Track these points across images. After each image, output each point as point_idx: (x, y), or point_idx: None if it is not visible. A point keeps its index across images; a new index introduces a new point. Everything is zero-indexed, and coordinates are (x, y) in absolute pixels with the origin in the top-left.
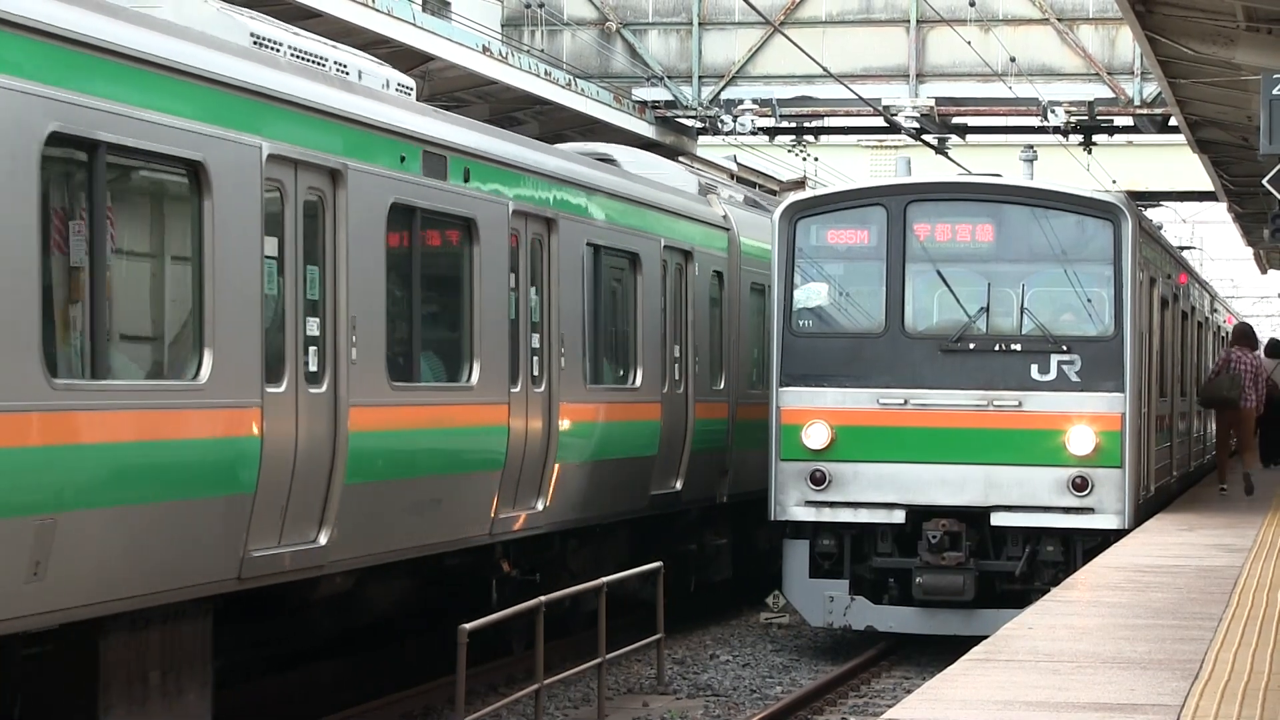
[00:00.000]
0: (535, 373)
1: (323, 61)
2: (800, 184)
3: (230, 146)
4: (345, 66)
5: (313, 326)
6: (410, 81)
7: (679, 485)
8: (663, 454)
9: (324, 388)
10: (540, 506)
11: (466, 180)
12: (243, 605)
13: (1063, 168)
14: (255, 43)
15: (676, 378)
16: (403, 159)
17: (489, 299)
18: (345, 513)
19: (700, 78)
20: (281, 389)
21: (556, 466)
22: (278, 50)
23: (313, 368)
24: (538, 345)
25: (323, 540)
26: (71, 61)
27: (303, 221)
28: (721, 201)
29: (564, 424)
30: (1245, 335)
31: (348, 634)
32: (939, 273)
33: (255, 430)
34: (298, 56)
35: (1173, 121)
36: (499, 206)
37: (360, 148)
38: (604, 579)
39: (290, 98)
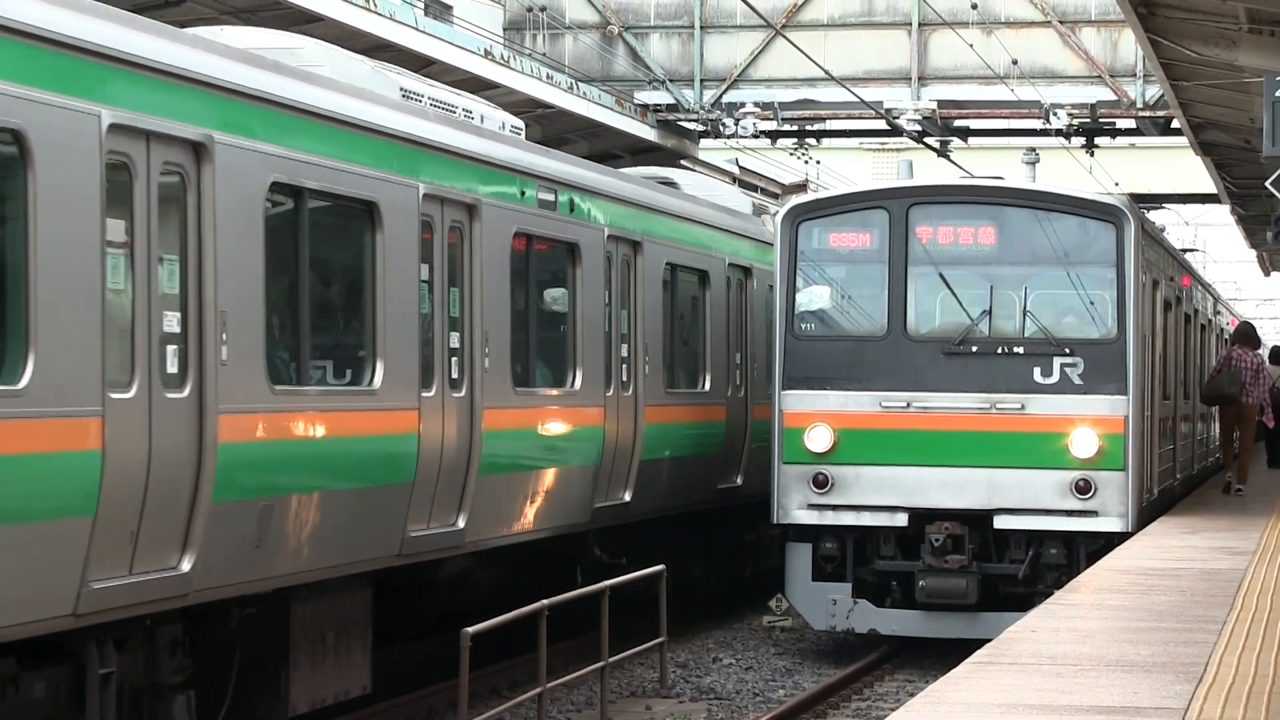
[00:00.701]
0: (624, 379)
1: (453, 109)
2: (802, 187)
3: (395, 188)
4: (470, 112)
5: (454, 340)
6: (519, 122)
7: (740, 480)
8: (726, 452)
9: (463, 392)
10: (627, 498)
11: (571, 210)
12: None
13: (1065, 170)
14: (404, 96)
15: (738, 382)
16: (522, 193)
17: (588, 315)
18: (478, 500)
19: (702, 81)
20: (432, 394)
21: (640, 463)
22: (420, 101)
23: (454, 375)
24: (625, 355)
25: (461, 524)
26: (283, 123)
27: (447, 250)
28: (772, 220)
29: (647, 425)
30: (1246, 335)
31: (453, 613)
32: (941, 275)
33: (414, 428)
34: (435, 105)
35: (1175, 124)
36: (596, 232)
37: (491, 185)
38: (607, 582)
39: (439, 144)
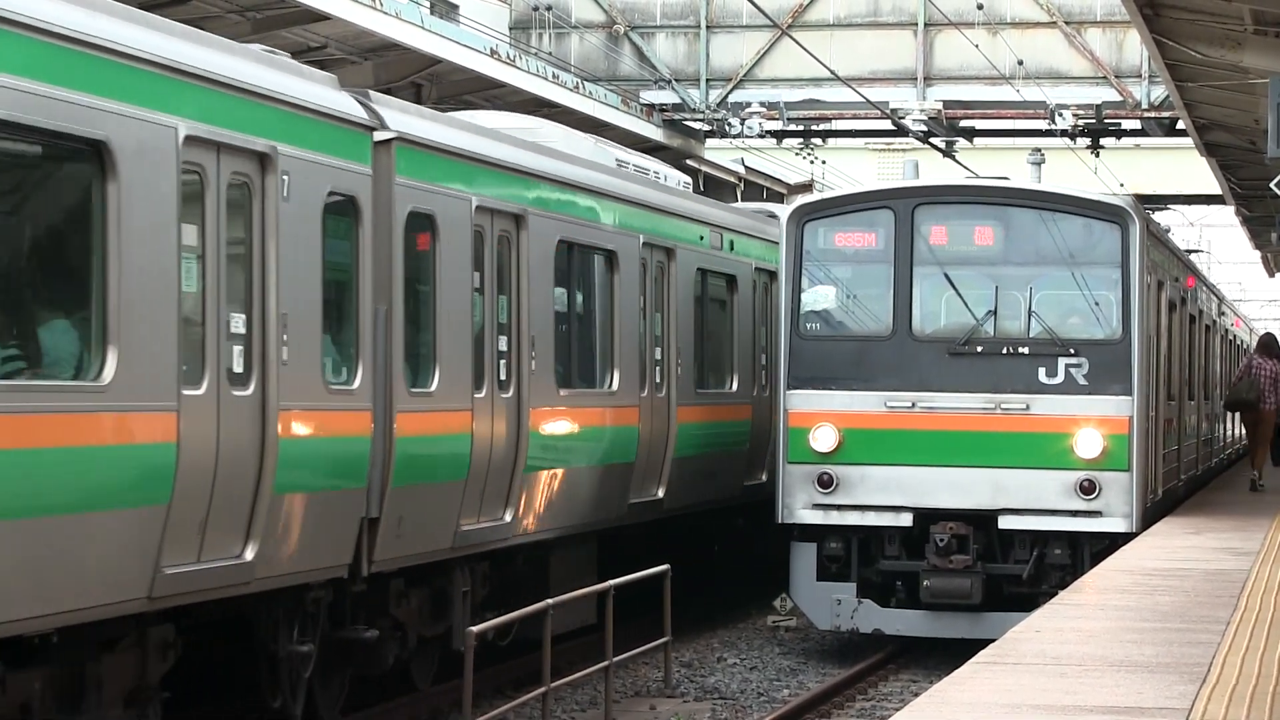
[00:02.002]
0: (763, 381)
1: (646, 171)
2: (808, 187)
3: (629, 239)
4: (658, 173)
5: (657, 354)
6: (687, 178)
7: (764, 477)
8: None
9: (662, 393)
10: (764, 479)
11: (731, 249)
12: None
13: (1070, 171)
14: (619, 164)
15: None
16: (701, 238)
17: (742, 333)
18: (674, 477)
19: (708, 81)
20: (644, 394)
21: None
22: (627, 167)
23: (657, 379)
24: (764, 363)
25: (660, 494)
26: (566, 197)
27: (653, 284)
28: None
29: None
30: (1267, 346)
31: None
32: (946, 276)
33: (636, 421)
34: (635, 169)
35: (1180, 125)
36: (748, 265)
37: (682, 233)
38: (611, 581)
39: (653, 204)
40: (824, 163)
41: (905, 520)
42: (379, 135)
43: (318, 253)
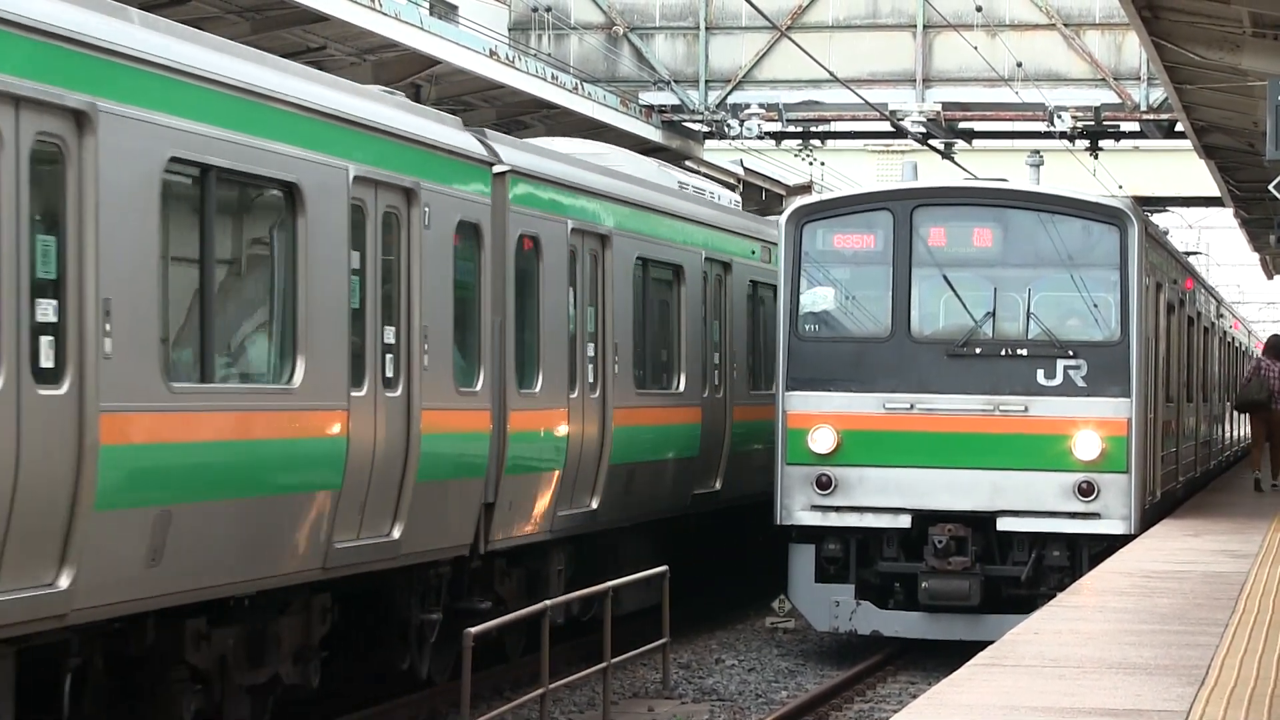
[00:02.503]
0: (716, 382)
1: (701, 191)
2: (807, 188)
3: (693, 255)
4: (713, 193)
5: (715, 359)
6: (736, 196)
7: None
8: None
9: (721, 394)
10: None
11: (771, 260)
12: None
13: (1069, 173)
14: (680, 185)
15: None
16: (753, 252)
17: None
18: (729, 468)
19: (707, 82)
20: (704, 394)
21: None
22: (687, 189)
23: (715, 381)
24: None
25: (718, 486)
26: (648, 218)
27: (714, 293)
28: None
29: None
30: (1276, 347)
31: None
32: (945, 277)
33: (699, 419)
34: (694, 190)
35: (1179, 127)
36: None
37: (737, 249)
38: (610, 583)
39: (709, 221)
40: (823, 164)
41: (904, 522)
42: (496, 169)
43: (450, 273)
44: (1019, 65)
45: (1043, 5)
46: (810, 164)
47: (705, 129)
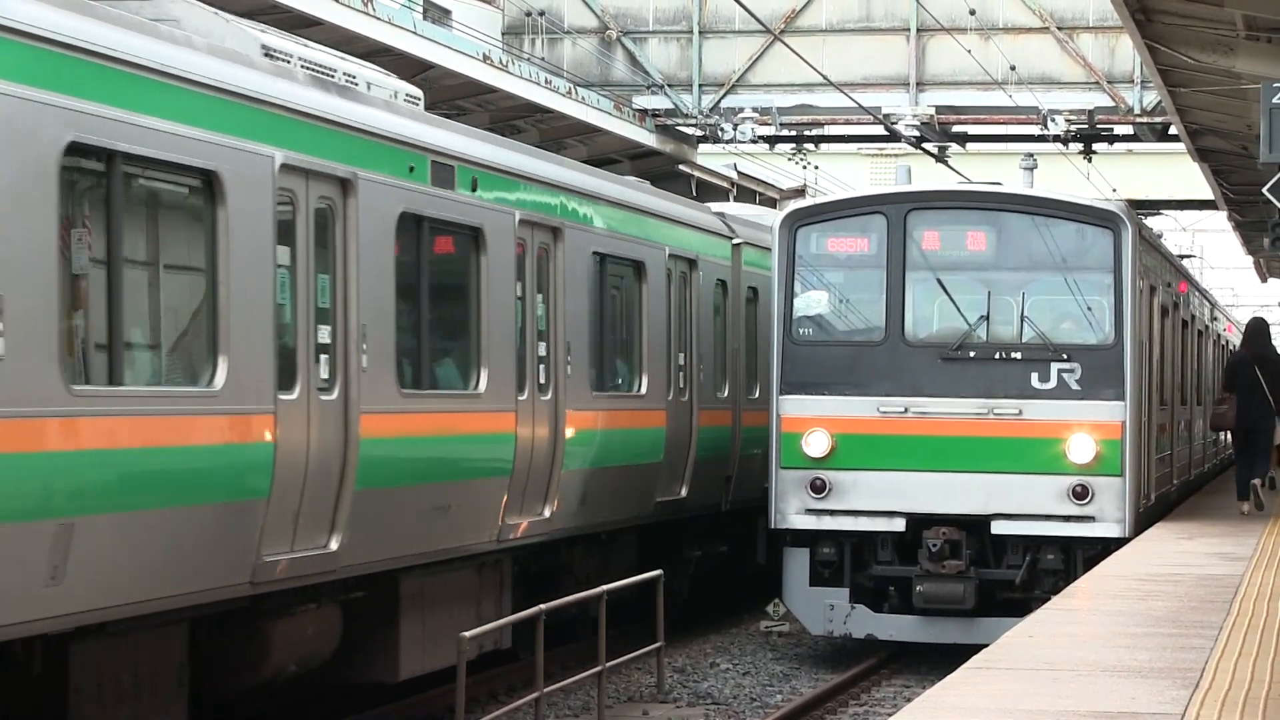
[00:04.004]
0: (681, 385)
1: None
2: (800, 192)
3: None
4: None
5: (680, 359)
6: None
7: None
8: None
9: (756, 396)
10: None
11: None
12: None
13: (1063, 176)
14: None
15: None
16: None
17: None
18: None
19: (700, 86)
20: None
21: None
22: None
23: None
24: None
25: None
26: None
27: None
28: None
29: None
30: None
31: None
32: (939, 281)
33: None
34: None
35: (1172, 130)
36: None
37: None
38: (604, 587)
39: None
40: (816, 168)
41: (898, 525)
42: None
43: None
44: (1013, 68)
45: (1036, 8)
46: (804, 168)
47: (699, 133)
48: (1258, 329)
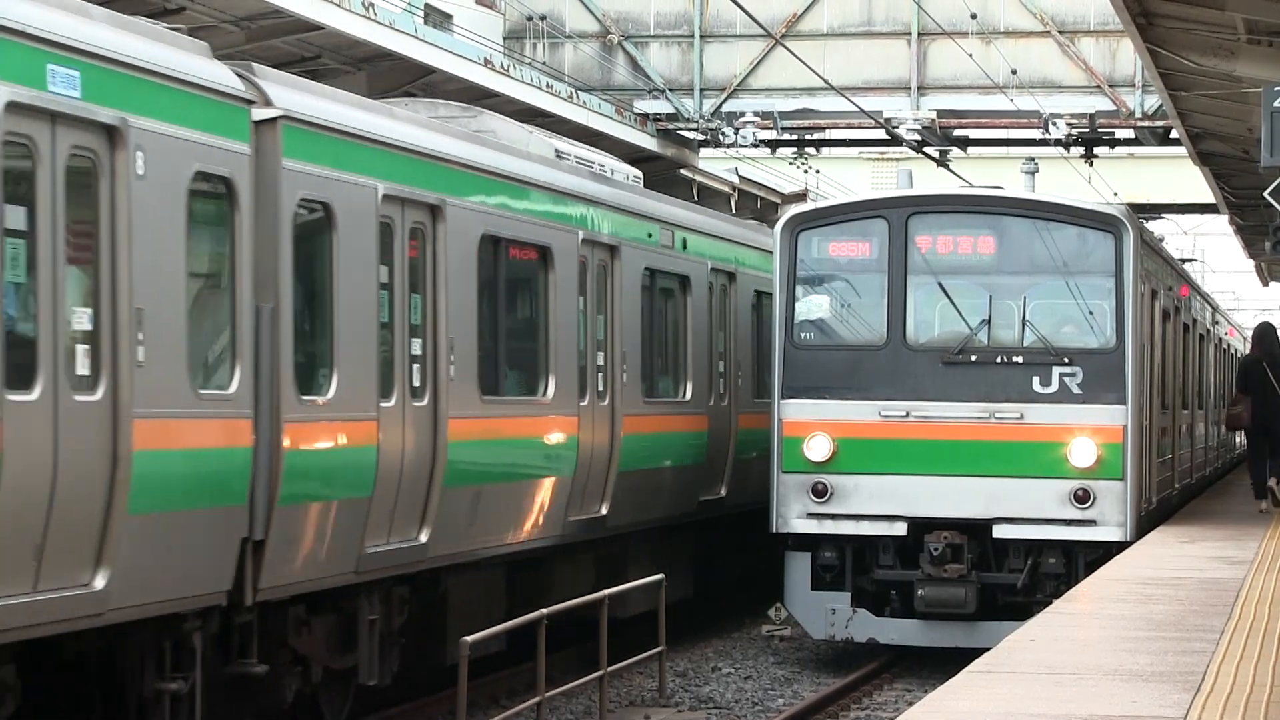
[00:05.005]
0: (721, 390)
1: (589, 163)
2: (802, 196)
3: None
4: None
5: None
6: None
7: None
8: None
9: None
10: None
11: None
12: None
13: (1064, 180)
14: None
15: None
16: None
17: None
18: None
19: (702, 90)
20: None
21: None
22: (567, 159)
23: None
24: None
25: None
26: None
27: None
28: None
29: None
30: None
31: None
32: (940, 285)
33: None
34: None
35: (1174, 134)
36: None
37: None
38: (605, 591)
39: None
40: (818, 172)
41: (900, 529)
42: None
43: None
44: (1014, 72)
45: (1037, 12)
46: (805, 172)
47: (700, 137)
48: (1266, 333)
